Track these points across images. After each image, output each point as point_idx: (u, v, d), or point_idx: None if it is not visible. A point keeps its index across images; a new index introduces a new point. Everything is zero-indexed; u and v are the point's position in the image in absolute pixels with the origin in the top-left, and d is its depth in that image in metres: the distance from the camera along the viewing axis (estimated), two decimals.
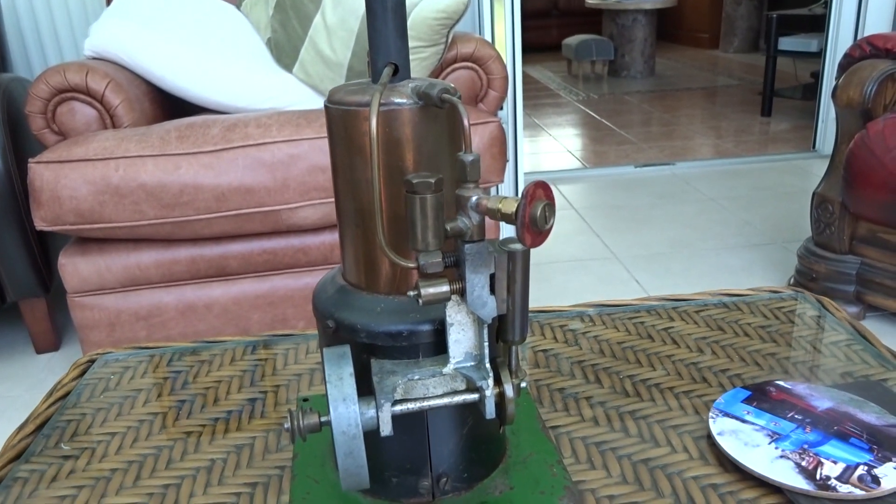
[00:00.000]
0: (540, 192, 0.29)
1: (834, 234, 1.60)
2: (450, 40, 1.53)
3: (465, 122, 0.31)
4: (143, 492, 0.44)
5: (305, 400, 0.50)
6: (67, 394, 0.55)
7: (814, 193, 1.64)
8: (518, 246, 0.32)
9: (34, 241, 1.49)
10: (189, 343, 0.61)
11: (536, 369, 0.55)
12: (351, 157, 0.36)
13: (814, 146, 2.92)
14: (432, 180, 0.31)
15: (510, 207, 0.30)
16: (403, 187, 0.32)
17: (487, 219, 0.35)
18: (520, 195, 0.30)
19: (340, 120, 0.35)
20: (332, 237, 1.43)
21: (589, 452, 0.45)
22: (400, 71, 0.35)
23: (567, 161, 3.07)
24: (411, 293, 0.33)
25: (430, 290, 0.32)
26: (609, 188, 2.63)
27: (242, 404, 0.53)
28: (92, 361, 0.60)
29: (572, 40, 4.96)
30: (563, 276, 1.86)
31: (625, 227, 2.21)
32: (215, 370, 0.58)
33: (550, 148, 3.33)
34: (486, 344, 0.35)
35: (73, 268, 1.34)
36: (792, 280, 1.72)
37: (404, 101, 0.34)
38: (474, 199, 0.31)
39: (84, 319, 1.38)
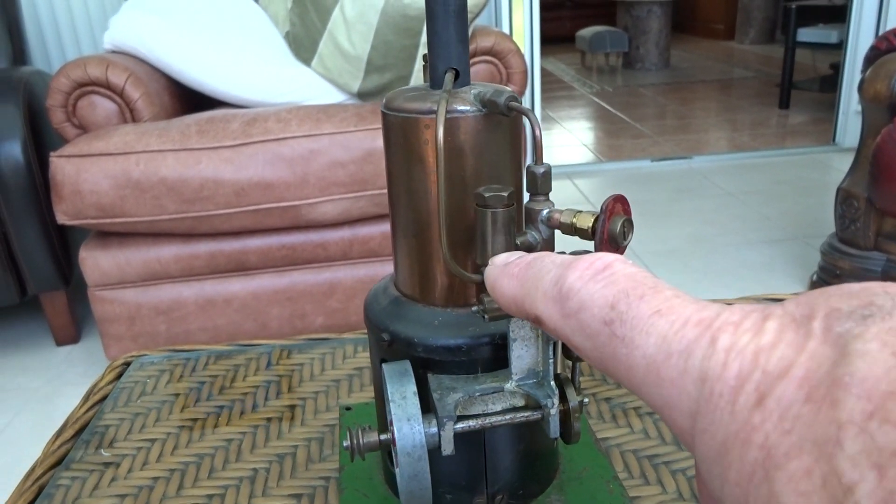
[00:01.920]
0: (619, 206, 0.28)
1: (859, 230, 1.58)
2: (470, 34, 1.51)
3: (537, 132, 0.29)
4: (188, 502, 0.44)
5: (348, 409, 0.49)
6: (104, 398, 0.55)
7: (838, 189, 1.61)
8: None
9: (55, 234, 1.49)
10: (223, 346, 0.61)
11: (581, 378, 0.54)
12: (409, 166, 0.34)
13: (834, 139, 2.88)
14: (505, 194, 0.30)
15: (586, 223, 0.29)
16: (468, 198, 0.31)
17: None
18: (598, 209, 0.28)
19: (399, 127, 0.34)
20: (350, 233, 1.42)
21: (642, 466, 0.44)
22: (460, 77, 0.34)
23: (582, 154, 3.05)
24: (475, 309, 0.32)
25: (496, 306, 0.31)
26: (625, 182, 2.61)
27: (281, 411, 0.52)
28: (127, 364, 0.59)
29: (586, 32, 4.91)
30: None
31: (642, 222, 2.19)
32: (251, 375, 0.57)
33: (565, 141, 3.30)
34: (551, 361, 0.34)
35: (94, 261, 1.34)
36: (815, 277, 1.70)
37: (467, 108, 0.33)
38: (545, 212, 0.30)
39: (104, 313, 1.38)
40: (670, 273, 1.84)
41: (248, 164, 1.31)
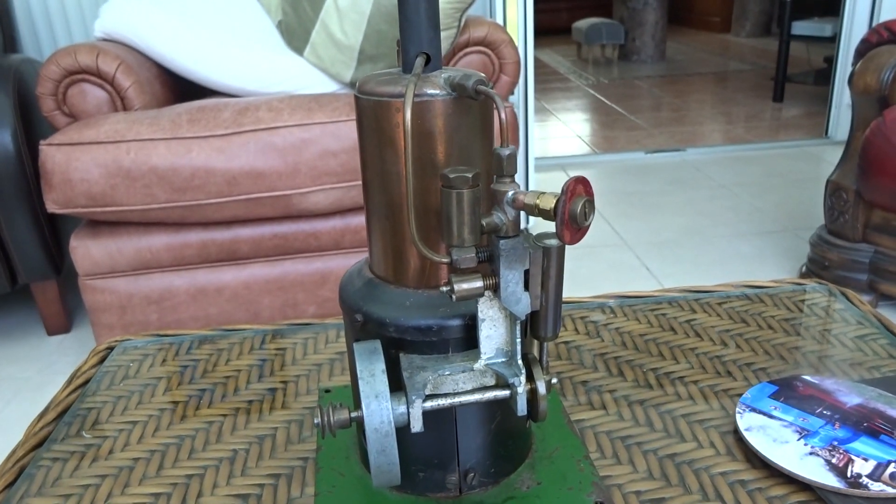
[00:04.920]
0: (580, 188, 0.29)
1: (847, 222, 1.59)
2: (462, 24, 1.51)
3: (503, 115, 0.30)
4: (167, 482, 0.44)
5: (327, 391, 0.50)
6: (87, 381, 0.55)
7: (828, 181, 1.62)
8: (554, 242, 0.32)
9: (45, 223, 1.49)
10: (207, 331, 0.61)
11: (558, 361, 0.54)
12: (381, 149, 0.35)
13: (826, 132, 2.89)
14: (469, 175, 0.30)
15: (548, 203, 0.29)
16: (438, 181, 0.31)
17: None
18: (559, 191, 0.29)
19: (371, 111, 0.35)
20: (342, 222, 1.43)
21: (614, 447, 0.45)
22: (432, 61, 0.35)
23: (577, 146, 3.05)
24: (444, 289, 0.32)
25: (464, 286, 0.32)
26: (619, 174, 2.61)
27: (263, 394, 0.53)
28: (111, 349, 0.59)
29: (582, 23, 4.90)
30: (574, 263, 1.85)
31: (635, 213, 2.20)
32: (234, 359, 0.58)
33: (560, 133, 3.30)
34: (519, 340, 0.34)
35: (85, 251, 1.34)
36: (804, 268, 1.71)
37: (437, 91, 0.33)
38: (510, 193, 0.31)
39: (95, 302, 1.38)
40: (662, 264, 1.85)
41: (240, 153, 1.31)
